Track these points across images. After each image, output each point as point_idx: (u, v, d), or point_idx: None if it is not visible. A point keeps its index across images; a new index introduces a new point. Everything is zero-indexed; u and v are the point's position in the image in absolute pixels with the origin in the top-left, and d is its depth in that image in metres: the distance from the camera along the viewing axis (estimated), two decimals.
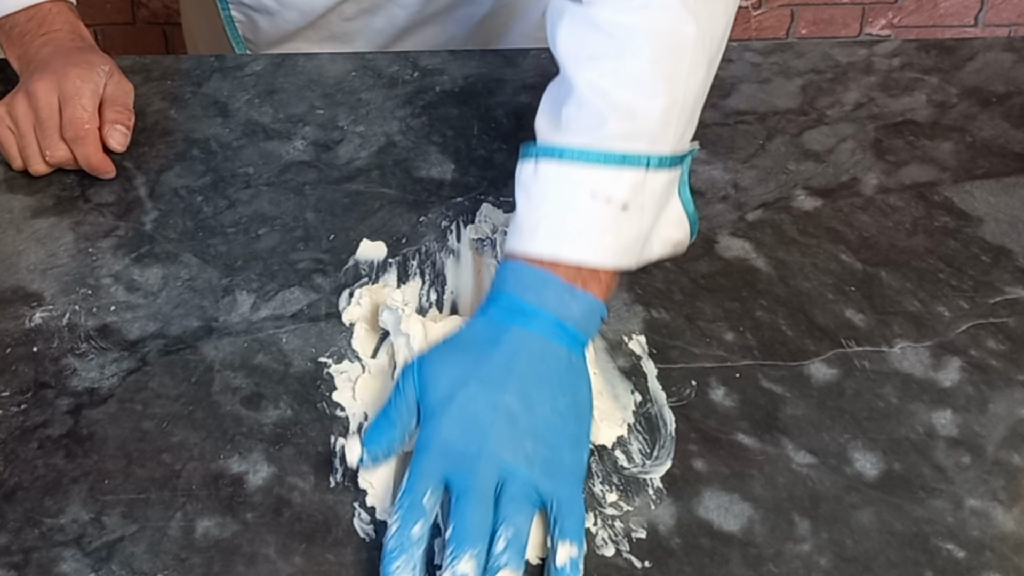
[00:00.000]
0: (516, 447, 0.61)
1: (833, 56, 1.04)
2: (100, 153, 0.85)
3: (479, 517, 0.59)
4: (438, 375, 0.64)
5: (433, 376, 0.64)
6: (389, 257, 0.79)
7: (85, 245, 0.80)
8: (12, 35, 0.91)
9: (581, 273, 0.67)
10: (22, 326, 0.73)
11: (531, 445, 0.62)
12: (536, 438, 0.62)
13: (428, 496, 0.60)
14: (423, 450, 0.61)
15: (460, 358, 0.64)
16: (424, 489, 0.60)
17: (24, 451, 0.65)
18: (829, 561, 0.60)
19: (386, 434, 0.63)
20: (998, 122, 0.95)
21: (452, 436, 0.61)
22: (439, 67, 1.00)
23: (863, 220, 0.84)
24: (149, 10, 2.18)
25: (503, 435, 0.61)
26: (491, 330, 0.65)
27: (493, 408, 0.62)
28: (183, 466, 0.64)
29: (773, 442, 0.67)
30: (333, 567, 0.60)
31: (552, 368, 0.64)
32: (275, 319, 0.74)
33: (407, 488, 0.60)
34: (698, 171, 0.88)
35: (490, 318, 0.66)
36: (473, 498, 0.59)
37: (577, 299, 0.66)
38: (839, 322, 0.75)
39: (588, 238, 0.67)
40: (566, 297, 0.66)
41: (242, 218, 0.83)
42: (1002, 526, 0.62)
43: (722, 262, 0.80)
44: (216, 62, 1.01)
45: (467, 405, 0.62)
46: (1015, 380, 0.71)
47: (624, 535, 0.61)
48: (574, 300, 0.66)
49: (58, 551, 0.60)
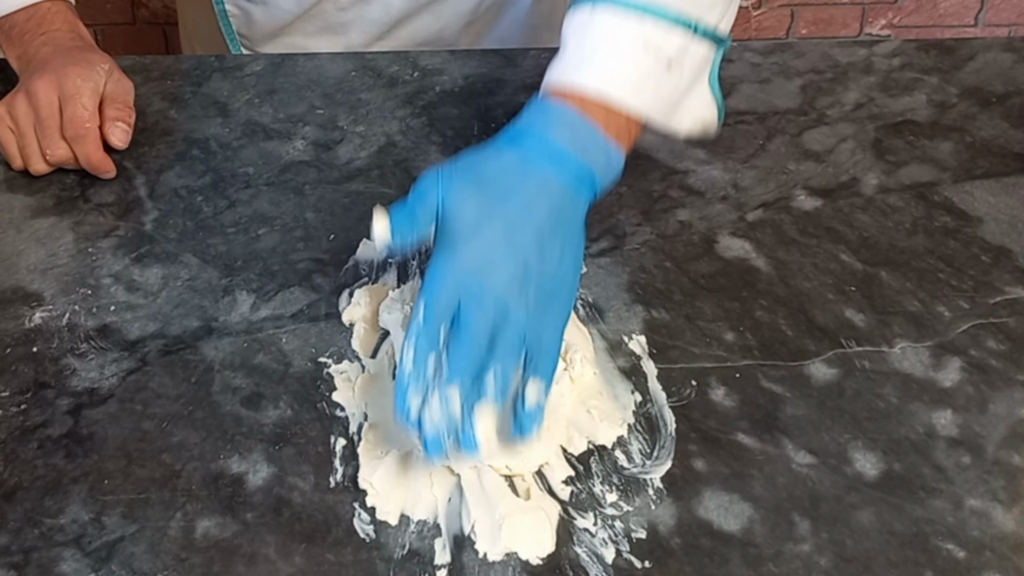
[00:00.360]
0: (521, 291, 0.64)
1: (833, 56, 1.04)
2: (101, 152, 0.85)
3: (475, 352, 0.63)
4: (464, 201, 0.66)
5: (459, 200, 0.66)
6: (389, 257, 0.79)
7: (85, 245, 0.80)
8: (11, 35, 0.91)
9: (611, 120, 0.70)
10: (22, 326, 0.73)
11: (533, 291, 0.65)
12: (539, 285, 0.65)
13: (442, 330, 0.63)
14: (440, 279, 0.64)
15: (489, 191, 0.67)
16: (439, 322, 0.63)
17: (24, 451, 0.65)
18: (829, 561, 0.60)
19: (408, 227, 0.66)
20: (998, 122, 0.95)
21: (469, 269, 0.64)
22: (439, 67, 1.00)
23: (863, 220, 0.84)
24: (149, 10, 2.18)
25: (515, 278, 0.65)
26: (521, 167, 0.68)
27: (512, 250, 0.65)
28: (183, 466, 0.64)
29: (773, 442, 0.67)
30: (333, 567, 0.60)
31: (567, 219, 0.68)
32: (275, 319, 0.74)
33: (424, 319, 0.63)
34: (698, 171, 0.89)
35: (522, 156, 0.69)
36: (472, 334, 0.63)
37: (601, 148, 0.70)
38: (839, 322, 0.75)
39: (634, 82, 0.71)
40: (592, 143, 0.69)
41: (242, 218, 0.83)
42: (1002, 526, 0.62)
43: (722, 262, 0.80)
44: (216, 62, 1.01)
45: (489, 242, 0.65)
46: (1015, 380, 0.71)
47: (624, 535, 0.61)
48: (604, 152, 0.70)
49: (58, 551, 0.60)
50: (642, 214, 0.84)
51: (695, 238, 0.82)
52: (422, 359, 0.63)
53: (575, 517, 0.62)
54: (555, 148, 0.68)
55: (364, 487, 0.63)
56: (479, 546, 0.60)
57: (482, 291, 0.64)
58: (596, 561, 0.60)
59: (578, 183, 0.68)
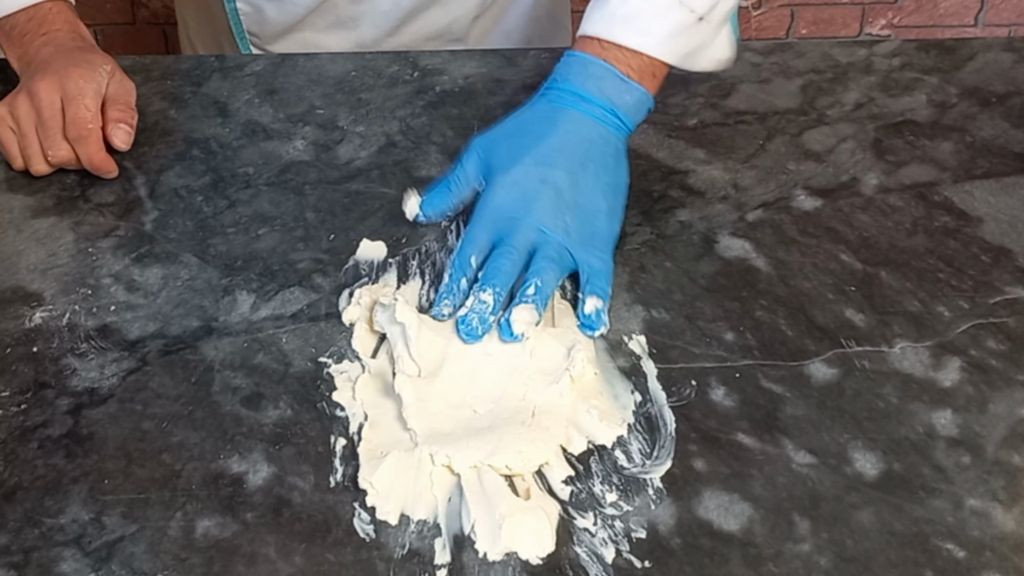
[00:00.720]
0: (557, 216, 0.73)
1: (833, 56, 1.04)
2: (103, 152, 0.85)
3: (509, 266, 0.72)
4: (498, 152, 0.75)
5: (494, 153, 0.76)
6: (389, 257, 0.79)
7: (85, 245, 0.80)
8: (12, 35, 0.91)
9: (643, 69, 0.78)
10: (22, 326, 0.73)
11: (571, 217, 0.73)
12: (577, 211, 0.73)
13: (475, 257, 0.73)
14: (477, 218, 0.74)
15: (519, 138, 0.76)
16: (473, 251, 0.73)
17: (24, 451, 0.65)
18: (829, 561, 0.60)
19: (443, 200, 0.78)
20: (998, 122, 0.95)
21: (503, 204, 0.74)
22: (439, 67, 1.00)
23: (863, 220, 0.84)
24: (149, 10, 2.18)
25: (548, 205, 0.73)
26: (550, 112, 0.77)
27: (542, 182, 0.73)
28: (183, 466, 0.64)
29: (773, 442, 0.67)
30: (333, 567, 0.60)
31: (599, 149, 0.76)
32: (275, 319, 0.74)
33: (460, 250, 0.74)
34: (698, 171, 0.89)
35: (551, 101, 0.78)
36: (508, 251, 0.72)
37: (632, 91, 0.78)
38: (839, 322, 0.75)
39: (666, 38, 0.79)
40: (623, 89, 0.78)
41: (242, 218, 0.83)
42: (1002, 526, 0.62)
43: (722, 262, 0.80)
44: (216, 62, 1.01)
45: (520, 179, 0.74)
46: (1015, 380, 0.71)
47: (624, 535, 0.61)
48: (629, 92, 0.78)
49: (58, 551, 0.60)
50: (642, 214, 0.84)
51: (695, 238, 0.82)
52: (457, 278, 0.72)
53: (575, 517, 0.62)
54: (582, 94, 0.76)
55: (364, 487, 0.63)
56: (479, 546, 0.60)
57: (519, 221, 0.72)
58: (596, 561, 0.60)
59: (605, 121, 0.76)
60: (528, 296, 0.71)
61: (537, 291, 0.71)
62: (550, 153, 0.74)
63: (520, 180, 0.74)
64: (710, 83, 0.99)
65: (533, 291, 0.71)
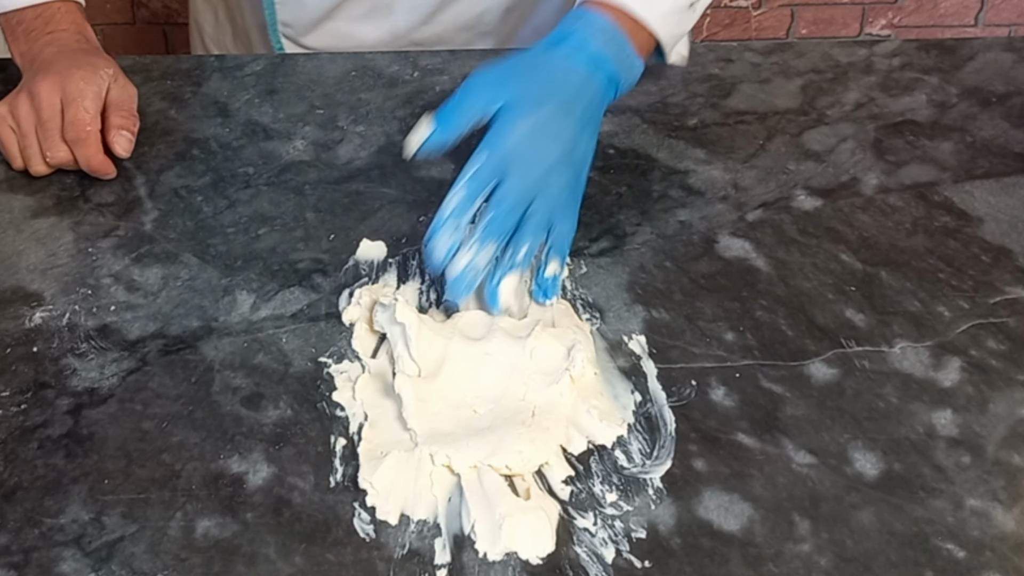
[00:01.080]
0: (559, 174, 0.74)
1: (833, 56, 1.04)
2: (101, 155, 0.85)
3: (510, 222, 0.72)
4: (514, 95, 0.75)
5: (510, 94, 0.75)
6: (389, 257, 0.79)
7: (85, 245, 0.80)
8: (17, 31, 0.91)
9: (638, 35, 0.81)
10: (22, 326, 0.73)
11: (565, 177, 0.74)
12: (569, 171, 0.75)
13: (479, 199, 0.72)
14: (489, 151, 0.73)
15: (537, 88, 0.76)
16: (478, 192, 0.72)
17: (24, 451, 0.65)
18: (829, 561, 0.60)
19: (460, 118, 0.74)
20: (998, 122, 0.95)
21: (519, 150, 0.73)
22: (439, 67, 1.00)
23: (863, 220, 0.84)
24: (149, 10, 2.18)
25: (555, 163, 0.74)
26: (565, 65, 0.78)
27: (557, 138, 0.74)
28: (183, 466, 0.64)
29: (773, 442, 0.67)
30: (333, 567, 0.60)
31: (595, 115, 0.78)
32: (275, 319, 0.74)
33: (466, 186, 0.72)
34: (698, 171, 0.89)
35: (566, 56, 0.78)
36: (510, 203, 0.72)
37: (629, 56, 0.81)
38: (839, 322, 0.75)
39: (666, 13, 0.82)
40: (623, 51, 0.80)
41: (242, 218, 0.83)
42: (1002, 526, 0.62)
43: (722, 262, 0.80)
44: (216, 62, 1.01)
45: (539, 128, 0.74)
46: (1015, 380, 0.71)
47: (624, 535, 0.61)
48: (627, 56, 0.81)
49: (58, 551, 0.60)
50: (642, 214, 0.84)
51: (695, 238, 0.82)
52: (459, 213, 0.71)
53: (575, 517, 0.62)
54: (594, 52, 0.78)
55: (364, 487, 0.63)
56: (479, 546, 0.60)
57: (528, 168, 0.73)
58: (596, 561, 0.60)
59: (608, 84, 0.78)
60: (517, 260, 0.73)
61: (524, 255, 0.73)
62: (564, 109, 0.75)
63: (538, 130, 0.74)
64: (710, 83, 0.99)
65: (522, 254, 0.73)
